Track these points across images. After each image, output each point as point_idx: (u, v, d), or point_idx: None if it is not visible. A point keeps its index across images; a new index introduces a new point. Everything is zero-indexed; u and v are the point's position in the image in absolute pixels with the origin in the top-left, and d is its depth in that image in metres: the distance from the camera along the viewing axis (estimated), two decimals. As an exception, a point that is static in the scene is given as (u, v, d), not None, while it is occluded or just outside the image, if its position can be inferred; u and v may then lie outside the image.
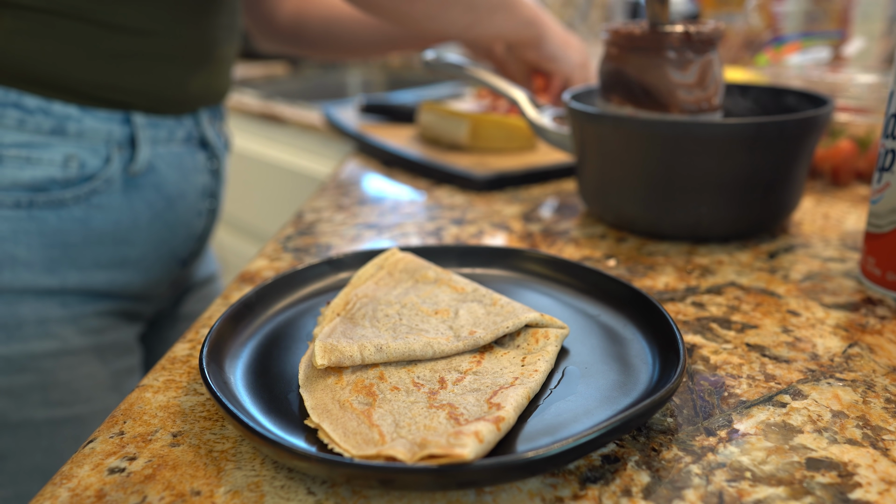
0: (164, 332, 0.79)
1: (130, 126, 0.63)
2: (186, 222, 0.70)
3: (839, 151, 0.75)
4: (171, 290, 0.75)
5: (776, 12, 1.26)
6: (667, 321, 0.40)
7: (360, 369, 0.38)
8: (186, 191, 0.69)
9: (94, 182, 0.61)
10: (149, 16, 0.60)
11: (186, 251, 0.72)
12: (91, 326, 0.65)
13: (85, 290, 0.64)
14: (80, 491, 0.31)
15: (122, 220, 0.64)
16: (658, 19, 0.59)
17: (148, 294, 0.70)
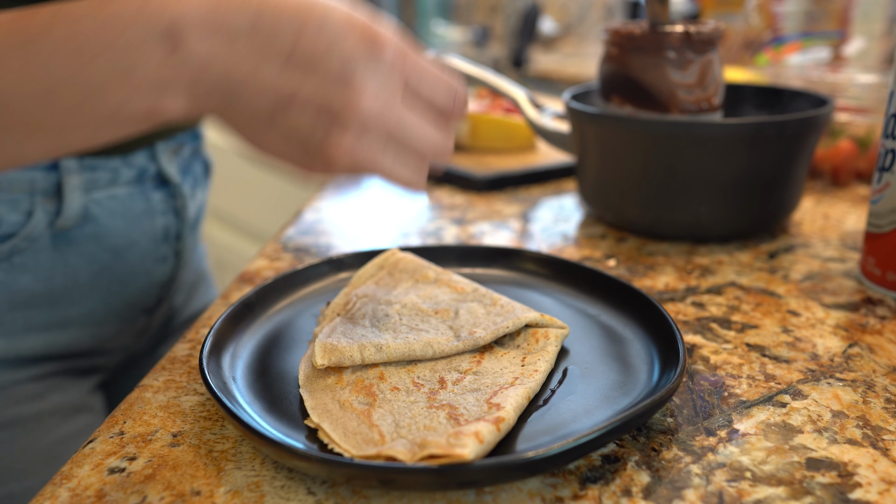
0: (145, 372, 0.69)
1: (58, 172, 0.53)
2: (144, 271, 0.61)
3: (839, 151, 0.75)
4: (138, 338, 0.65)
5: (776, 12, 1.26)
6: (667, 321, 0.40)
7: (360, 369, 0.38)
8: (138, 239, 0.59)
9: (14, 240, 0.52)
10: None
11: (151, 300, 0.63)
12: (26, 394, 0.56)
13: (15, 357, 0.55)
14: (80, 491, 0.31)
15: (55, 279, 0.55)
16: (658, 19, 0.59)
17: (102, 349, 0.61)
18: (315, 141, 0.33)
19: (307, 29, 0.32)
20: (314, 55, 0.32)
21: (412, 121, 0.35)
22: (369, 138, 0.34)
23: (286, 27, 0.32)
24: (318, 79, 0.32)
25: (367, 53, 0.33)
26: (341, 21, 0.33)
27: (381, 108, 0.33)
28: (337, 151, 0.33)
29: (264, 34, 0.32)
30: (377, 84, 0.33)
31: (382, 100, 0.33)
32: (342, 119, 0.33)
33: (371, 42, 0.33)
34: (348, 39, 0.33)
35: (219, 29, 0.32)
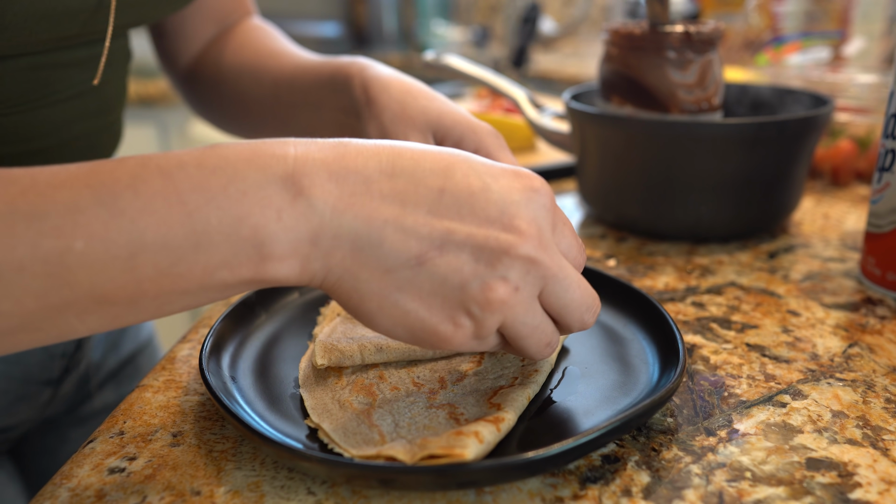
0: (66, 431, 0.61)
1: None
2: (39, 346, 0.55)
3: (839, 151, 0.75)
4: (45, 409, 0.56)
5: (776, 12, 1.26)
6: (667, 321, 0.40)
7: (360, 369, 0.38)
8: None
9: None
10: None
11: (53, 372, 0.54)
12: None
13: None
14: (80, 491, 0.31)
15: None
16: (658, 19, 0.59)
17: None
18: (469, 293, 0.29)
19: (455, 170, 0.29)
20: (469, 195, 0.29)
21: (569, 268, 0.31)
22: (528, 287, 0.30)
23: (430, 169, 0.29)
24: (475, 219, 0.29)
25: (526, 190, 0.30)
26: (489, 164, 0.30)
27: (544, 253, 0.30)
28: (494, 305, 0.29)
29: (406, 177, 0.29)
30: (539, 224, 0.30)
31: (545, 242, 0.30)
32: (506, 264, 0.29)
33: (526, 182, 0.30)
34: (502, 178, 0.30)
35: (349, 173, 0.28)
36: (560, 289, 0.31)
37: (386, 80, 0.49)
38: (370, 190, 0.28)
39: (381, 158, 0.29)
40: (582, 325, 0.32)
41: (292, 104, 0.56)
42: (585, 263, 0.33)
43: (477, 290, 0.29)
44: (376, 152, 0.29)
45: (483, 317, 0.29)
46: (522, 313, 0.30)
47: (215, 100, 0.62)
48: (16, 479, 0.59)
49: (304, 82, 0.55)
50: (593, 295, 0.32)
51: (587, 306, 0.32)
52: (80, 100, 0.47)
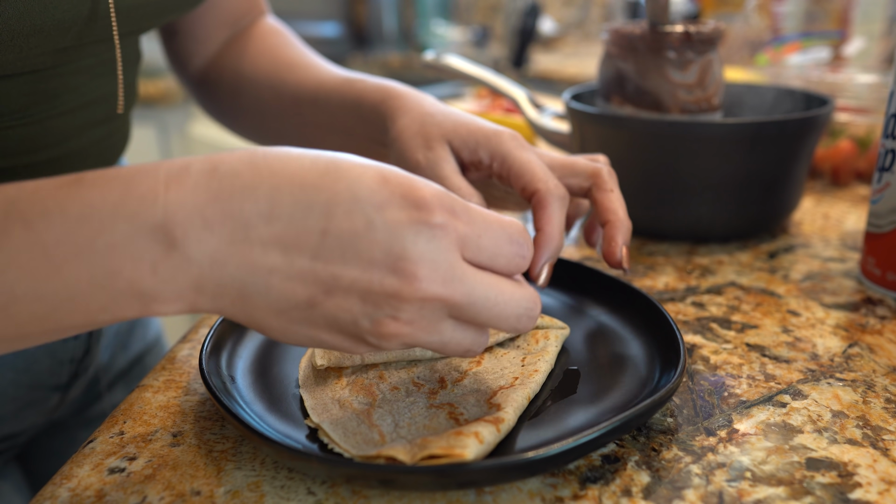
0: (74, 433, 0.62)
1: None
2: (47, 353, 0.52)
3: (839, 151, 0.75)
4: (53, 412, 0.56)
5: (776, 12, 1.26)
6: (667, 321, 0.40)
7: (360, 369, 0.39)
8: None
9: None
10: None
11: (62, 378, 0.54)
12: None
13: None
14: (80, 491, 0.31)
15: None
16: (658, 19, 0.59)
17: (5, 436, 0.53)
18: (362, 328, 0.28)
19: (337, 206, 0.27)
20: (352, 236, 0.27)
21: (482, 289, 0.29)
22: (427, 319, 0.28)
23: (311, 207, 0.27)
24: (360, 263, 0.27)
25: (414, 221, 0.27)
26: (375, 188, 0.27)
27: (440, 287, 0.28)
28: (388, 338, 0.28)
29: (285, 220, 0.27)
30: (432, 257, 0.27)
31: (441, 275, 0.28)
32: (394, 305, 0.28)
33: (414, 206, 0.27)
34: (389, 209, 0.27)
35: (226, 219, 0.27)
36: (472, 312, 0.29)
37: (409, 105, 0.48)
38: (249, 237, 0.27)
39: (258, 196, 0.27)
40: (514, 331, 0.31)
41: (318, 125, 0.55)
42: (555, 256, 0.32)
43: (368, 325, 0.28)
44: (253, 187, 0.27)
45: (380, 343, 0.29)
46: (425, 336, 0.29)
47: (233, 108, 0.61)
48: (23, 486, 0.59)
49: (330, 103, 0.54)
50: (524, 300, 0.30)
51: (515, 317, 0.30)
52: (88, 108, 0.47)
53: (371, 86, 0.51)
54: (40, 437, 0.61)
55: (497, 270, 0.30)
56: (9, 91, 0.41)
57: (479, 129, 0.46)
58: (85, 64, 0.45)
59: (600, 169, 0.44)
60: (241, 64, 0.60)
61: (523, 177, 0.43)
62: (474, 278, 0.29)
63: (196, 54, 0.62)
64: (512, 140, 0.45)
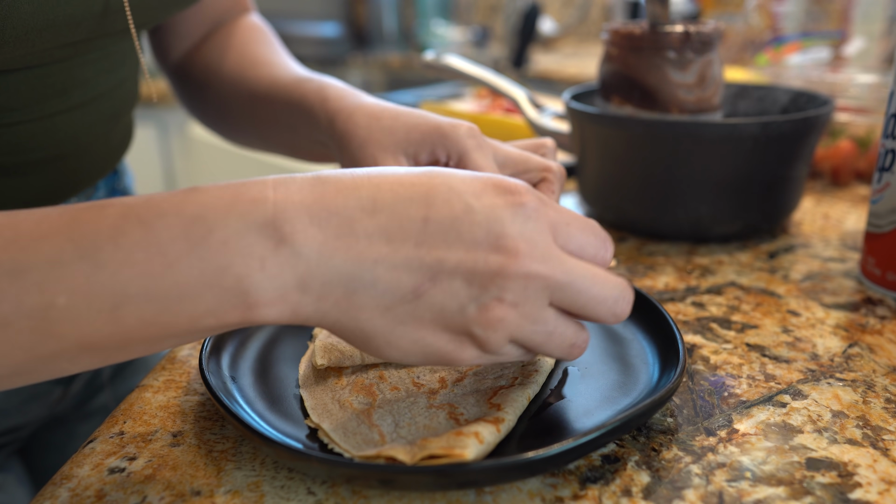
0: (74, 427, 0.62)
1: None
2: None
3: (839, 151, 0.75)
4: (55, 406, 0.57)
5: (776, 12, 1.26)
6: (667, 321, 0.40)
7: (360, 369, 0.39)
8: None
9: None
10: None
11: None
12: None
13: None
14: (80, 491, 0.31)
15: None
16: (658, 19, 0.59)
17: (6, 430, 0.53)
18: (469, 316, 0.28)
19: (435, 196, 0.28)
20: (452, 220, 0.28)
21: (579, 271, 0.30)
22: (531, 301, 0.29)
23: (411, 199, 0.28)
24: (463, 245, 0.28)
25: (510, 204, 0.29)
26: (469, 181, 0.29)
27: (540, 264, 0.28)
28: (495, 325, 0.28)
29: (388, 211, 0.28)
30: (530, 236, 0.28)
31: (541, 253, 0.28)
32: (499, 284, 0.28)
33: (507, 192, 0.29)
34: (484, 195, 0.29)
35: (331, 215, 0.28)
36: (572, 293, 0.29)
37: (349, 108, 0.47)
38: (354, 230, 0.28)
39: (360, 194, 0.28)
40: (614, 319, 0.31)
41: (269, 122, 0.55)
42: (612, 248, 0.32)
43: (475, 312, 0.28)
44: (355, 187, 0.28)
45: (486, 335, 0.29)
46: (530, 325, 0.29)
47: (201, 101, 0.62)
48: (25, 480, 0.59)
49: (278, 101, 0.54)
50: (618, 286, 0.31)
51: (613, 299, 0.30)
52: (95, 103, 0.47)
53: (313, 86, 0.51)
54: (41, 432, 0.61)
55: (585, 260, 0.31)
56: (18, 86, 0.41)
57: (434, 127, 0.45)
58: (92, 58, 0.45)
59: (551, 166, 0.45)
60: (210, 59, 0.60)
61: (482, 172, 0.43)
62: (570, 260, 0.30)
63: (175, 48, 0.63)
64: (470, 138, 0.44)
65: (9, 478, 0.57)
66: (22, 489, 0.58)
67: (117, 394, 0.64)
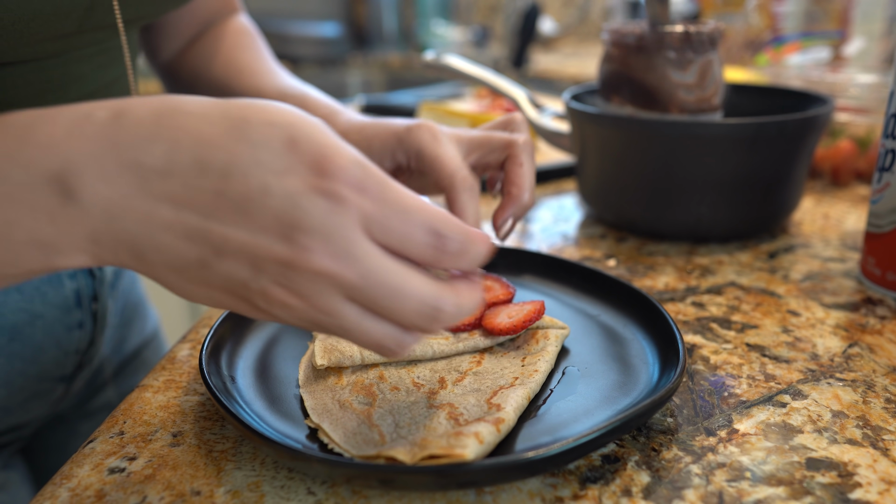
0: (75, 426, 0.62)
1: None
2: (54, 343, 0.53)
3: (839, 151, 0.75)
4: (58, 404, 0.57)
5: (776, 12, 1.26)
6: (667, 321, 0.40)
7: (360, 369, 0.39)
8: (41, 310, 0.51)
9: None
10: None
11: (67, 369, 0.55)
12: None
13: None
14: (80, 491, 0.31)
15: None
16: (658, 19, 0.59)
17: (12, 427, 0.54)
18: (253, 291, 0.27)
19: (234, 168, 0.26)
20: (245, 199, 0.26)
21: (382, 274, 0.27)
22: (320, 295, 0.27)
23: (208, 167, 0.26)
24: (251, 227, 0.26)
25: (313, 190, 0.26)
26: (279, 152, 0.26)
27: (331, 262, 0.26)
28: (278, 306, 0.27)
29: (181, 177, 0.26)
30: (326, 231, 0.26)
31: (334, 250, 0.26)
32: (284, 273, 0.26)
33: (319, 173, 0.26)
34: (289, 176, 0.26)
35: (122, 171, 0.26)
36: (371, 296, 0.27)
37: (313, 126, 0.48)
38: (143, 191, 0.26)
39: (156, 151, 0.26)
40: (416, 329, 0.28)
41: None
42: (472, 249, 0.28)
43: (258, 290, 0.27)
44: (153, 139, 0.26)
45: (273, 311, 0.28)
46: (323, 316, 0.27)
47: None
48: (28, 479, 0.59)
49: None
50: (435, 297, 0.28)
51: (415, 311, 0.27)
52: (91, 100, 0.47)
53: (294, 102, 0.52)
54: (43, 431, 0.61)
55: (411, 258, 0.28)
56: (15, 81, 0.41)
57: (391, 133, 0.45)
58: (88, 53, 0.45)
59: (514, 140, 0.44)
60: (198, 62, 0.61)
61: (434, 171, 0.42)
62: (376, 261, 0.27)
63: (165, 48, 0.63)
64: (426, 133, 0.43)
65: (12, 477, 0.57)
66: (25, 488, 0.58)
67: (120, 391, 0.64)
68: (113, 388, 0.64)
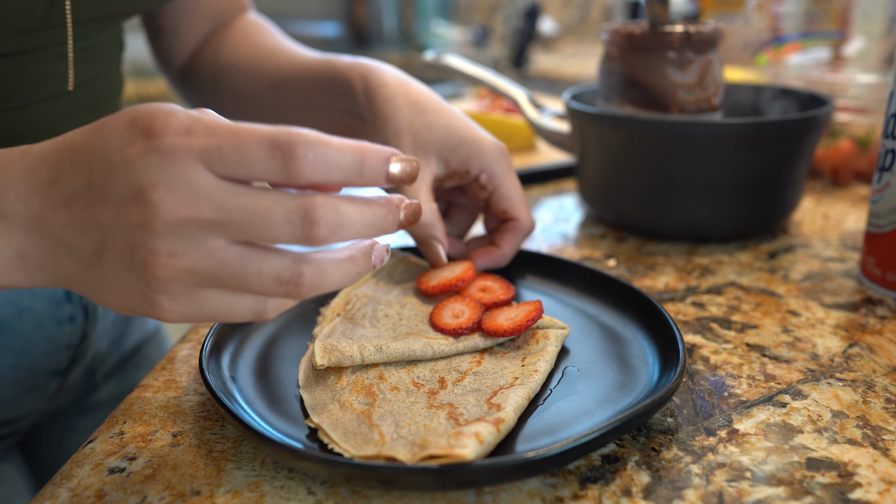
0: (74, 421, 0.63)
1: None
2: (45, 337, 0.52)
3: (839, 151, 0.75)
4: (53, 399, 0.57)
5: (776, 12, 1.26)
6: (667, 321, 0.40)
7: (360, 369, 0.38)
8: (29, 304, 0.51)
9: None
10: None
11: (60, 363, 0.55)
12: None
13: None
14: (80, 491, 0.31)
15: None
16: (658, 19, 0.59)
17: (6, 420, 0.54)
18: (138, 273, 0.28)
19: (94, 157, 0.29)
20: (104, 180, 0.28)
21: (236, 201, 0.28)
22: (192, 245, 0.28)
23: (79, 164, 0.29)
24: (112, 203, 0.28)
25: (146, 151, 0.28)
26: (122, 131, 0.28)
27: (182, 208, 0.27)
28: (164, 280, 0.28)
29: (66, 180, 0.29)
30: (167, 182, 0.27)
31: (182, 196, 0.27)
32: (147, 239, 0.28)
33: (146, 136, 0.28)
34: (128, 147, 0.28)
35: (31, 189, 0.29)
36: (237, 227, 0.28)
37: (391, 89, 0.48)
38: (45, 203, 0.29)
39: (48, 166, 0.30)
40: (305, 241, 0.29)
41: (295, 103, 0.56)
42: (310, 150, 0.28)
43: (142, 270, 0.28)
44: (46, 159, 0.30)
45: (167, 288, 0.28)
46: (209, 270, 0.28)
47: (212, 96, 0.63)
48: (25, 472, 0.59)
49: (305, 82, 0.55)
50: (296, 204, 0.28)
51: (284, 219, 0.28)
52: (65, 98, 0.47)
53: (346, 63, 0.52)
54: (41, 426, 0.61)
55: (258, 179, 0.28)
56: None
57: (473, 139, 0.46)
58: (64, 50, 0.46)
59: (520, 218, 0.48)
60: (220, 54, 0.61)
61: (508, 202, 0.47)
62: (227, 193, 0.28)
63: (179, 50, 0.64)
64: (504, 160, 0.47)
65: (9, 469, 0.57)
66: (21, 482, 0.58)
67: (121, 387, 0.65)
68: (114, 383, 0.64)
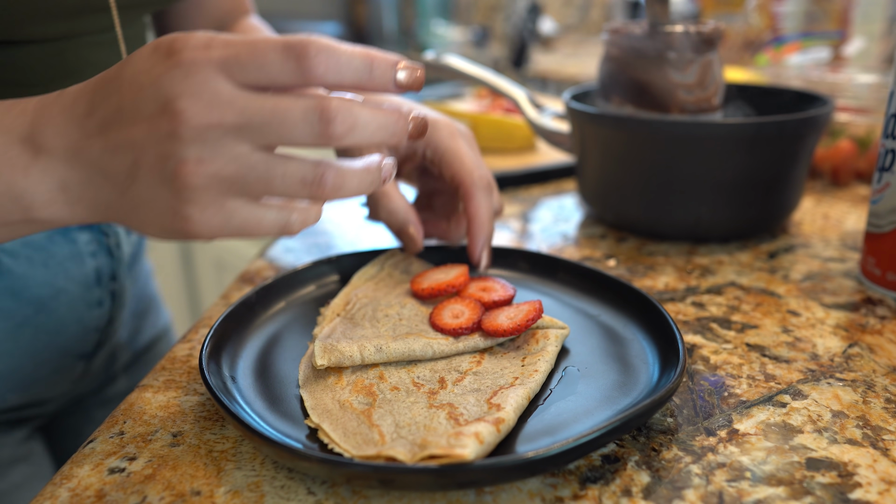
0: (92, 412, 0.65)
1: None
2: (76, 319, 0.55)
3: (839, 151, 0.75)
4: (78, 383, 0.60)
5: (776, 12, 1.26)
6: (667, 321, 0.40)
7: (360, 369, 0.38)
8: (64, 285, 0.53)
9: None
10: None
11: (88, 346, 0.57)
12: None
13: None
14: (80, 491, 0.31)
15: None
16: (658, 19, 0.59)
17: (35, 402, 0.56)
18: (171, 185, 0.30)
19: (121, 83, 0.31)
20: (133, 101, 0.30)
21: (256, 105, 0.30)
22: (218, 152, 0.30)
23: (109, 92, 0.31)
24: (142, 119, 0.30)
25: (169, 68, 0.29)
26: (146, 56, 0.31)
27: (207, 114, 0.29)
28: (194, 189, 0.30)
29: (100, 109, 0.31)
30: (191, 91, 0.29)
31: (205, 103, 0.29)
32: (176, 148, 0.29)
33: (168, 55, 0.30)
34: (154, 69, 0.30)
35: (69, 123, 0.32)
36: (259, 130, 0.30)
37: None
38: (83, 133, 0.31)
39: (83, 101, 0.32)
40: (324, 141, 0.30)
41: None
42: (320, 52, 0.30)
43: (171, 181, 0.30)
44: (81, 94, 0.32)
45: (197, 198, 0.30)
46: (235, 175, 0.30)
47: None
48: (48, 456, 0.61)
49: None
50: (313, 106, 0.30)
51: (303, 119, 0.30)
52: None
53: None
54: (61, 415, 0.63)
55: (275, 85, 0.30)
56: (31, 62, 0.45)
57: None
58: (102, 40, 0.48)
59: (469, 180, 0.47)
60: None
61: (452, 166, 0.46)
62: (248, 98, 0.30)
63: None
64: (445, 129, 0.47)
65: (35, 448, 0.59)
66: (46, 462, 0.60)
67: (133, 381, 0.67)
68: (127, 378, 0.66)
